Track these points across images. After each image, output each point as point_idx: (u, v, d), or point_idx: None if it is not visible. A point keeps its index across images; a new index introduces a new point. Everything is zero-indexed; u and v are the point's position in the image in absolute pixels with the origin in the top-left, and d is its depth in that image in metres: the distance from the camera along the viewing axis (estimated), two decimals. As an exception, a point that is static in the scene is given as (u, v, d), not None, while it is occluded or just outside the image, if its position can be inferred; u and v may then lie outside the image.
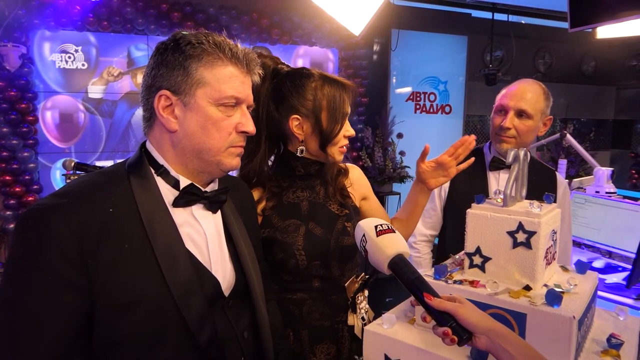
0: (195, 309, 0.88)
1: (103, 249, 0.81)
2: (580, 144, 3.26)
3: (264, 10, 4.58)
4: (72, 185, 0.88)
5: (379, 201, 1.60)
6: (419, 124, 5.35)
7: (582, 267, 1.16)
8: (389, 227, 0.95)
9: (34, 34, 4.00)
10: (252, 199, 1.27)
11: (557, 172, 1.90)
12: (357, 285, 1.37)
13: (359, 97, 5.06)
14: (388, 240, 0.92)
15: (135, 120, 4.49)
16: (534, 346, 0.79)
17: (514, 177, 1.08)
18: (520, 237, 1.02)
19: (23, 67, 3.84)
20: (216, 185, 1.01)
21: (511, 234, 1.03)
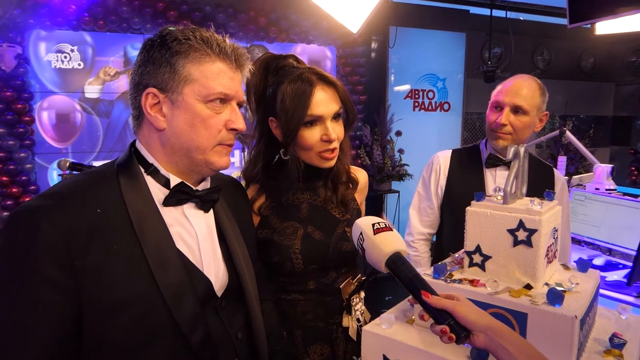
0: (187, 310, 0.87)
1: (91, 250, 0.80)
2: (580, 140, 3.25)
3: (261, 8, 4.56)
4: (60, 186, 0.87)
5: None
6: (417, 122, 5.32)
7: (583, 265, 1.15)
8: (387, 225, 0.93)
9: (29, 34, 3.97)
10: (247, 198, 1.25)
11: (554, 169, 1.88)
12: (353, 286, 1.35)
13: (357, 95, 5.05)
14: (385, 238, 0.90)
15: (133, 120, 4.46)
16: (535, 346, 0.78)
17: (514, 174, 1.06)
18: (521, 235, 1.00)
19: (19, 67, 3.82)
20: (208, 184, 0.99)
21: (511, 232, 1.02)
